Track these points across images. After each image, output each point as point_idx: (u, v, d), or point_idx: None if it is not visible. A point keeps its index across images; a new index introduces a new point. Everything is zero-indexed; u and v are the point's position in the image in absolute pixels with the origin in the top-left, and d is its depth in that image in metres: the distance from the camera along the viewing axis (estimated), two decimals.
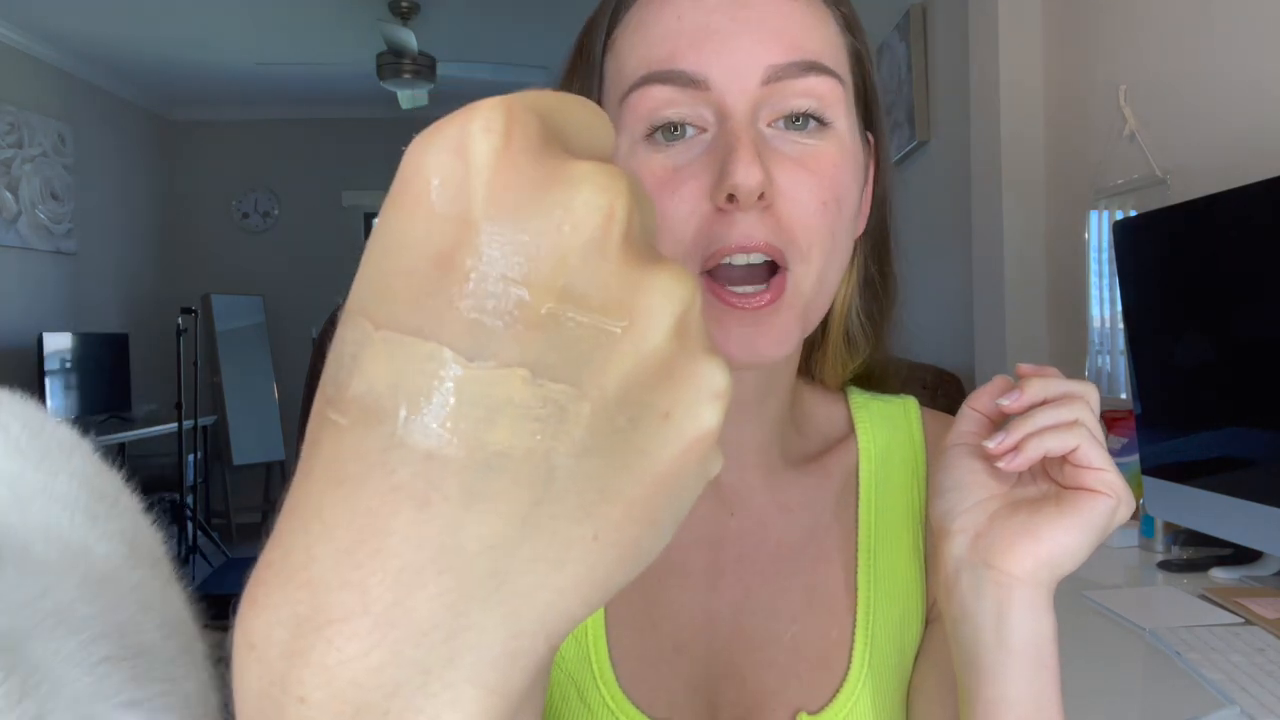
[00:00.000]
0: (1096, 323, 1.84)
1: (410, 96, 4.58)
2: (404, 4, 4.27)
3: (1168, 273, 1.36)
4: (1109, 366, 1.81)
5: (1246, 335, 1.20)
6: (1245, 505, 1.17)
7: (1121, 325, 1.53)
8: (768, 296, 0.49)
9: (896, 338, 0.63)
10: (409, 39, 4.18)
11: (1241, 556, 1.29)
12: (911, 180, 3.16)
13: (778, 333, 0.49)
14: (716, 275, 0.49)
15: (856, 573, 0.59)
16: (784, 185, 0.49)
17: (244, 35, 4.77)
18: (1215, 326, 1.26)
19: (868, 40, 0.56)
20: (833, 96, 0.50)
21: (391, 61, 4.35)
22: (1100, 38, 1.84)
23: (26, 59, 4.79)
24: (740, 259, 0.49)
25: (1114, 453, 1.55)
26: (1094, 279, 1.85)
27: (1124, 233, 1.43)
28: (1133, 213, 1.66)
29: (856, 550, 0.59)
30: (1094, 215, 1.84)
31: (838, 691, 0.56)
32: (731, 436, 0.58)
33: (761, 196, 0.47)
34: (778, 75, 0.49)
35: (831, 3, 0.53)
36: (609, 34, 0.53)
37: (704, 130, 0.49)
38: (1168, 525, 1.41)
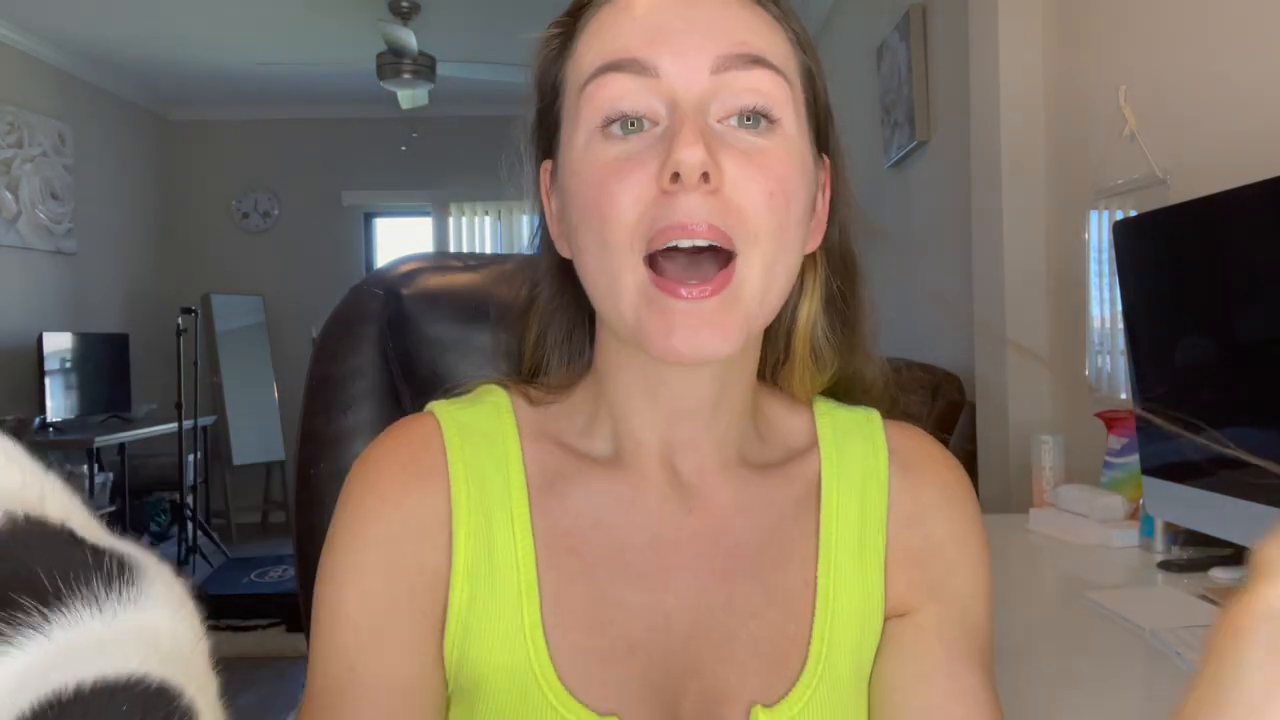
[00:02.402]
0: (1096, 323, 1.84)
1: (410, 96, 4.58)
2: (404, 4, 4.27)
3: (1168, 273, 1.36)
4: (1109, 366, 1.81)
5: (1246, 335, 1.20)
6: (1245, 505, 1.17)
7: (1121, 325, 1.53)
8: (711, 287, 0.51)
9: (906, 340, 0.65)
10: (409, 39, 4.18)
11: (1241, 556, 1.29)
12: (911, 180, 3.16)
13: (723, 329, 0.51)
14: (661, 265, 0.51)
15: (816, 574, 0.60)
16: (731, 174, 0.51)
17: (244, 35, 4.77)
18: (1215, 326, 1.26)
19: (820, 62, 0.58)
20: (779, 94, 0.53)
21: (391, 61, 4.35)
22: (1100, 38, 1.84)
23: (26, 59, 4.79)
24: (685, 243, 0.50)
25: (1114, 453, 1.55)
26: (1094, 279, 1.84)
27: (1124, 233, 1.43)
28: (1133, 213, 1.66)
29: (817, 554, 0.60)
30: (1094, 215, 1.84)
31: (794, 685, 0.57)
32: (688, 435, 0.59)
33: (707, 178, 0.49)
34: (725, 65, 0.52)
35: (781, 19, 0.56)
36: (572, 52, 0.57)
37: (657, 123, 0.52)
38: (1168, 525, 1.41)
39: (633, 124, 0.52)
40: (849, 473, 0.62)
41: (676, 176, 0.49)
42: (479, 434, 0.60)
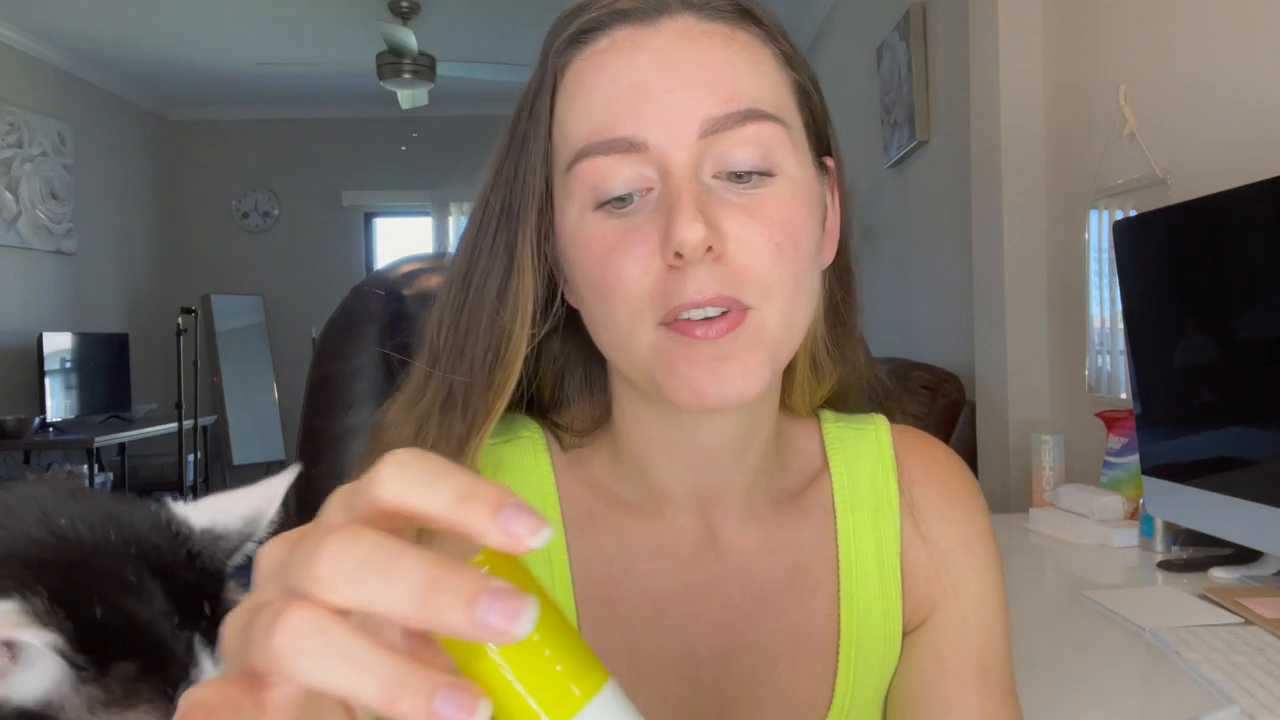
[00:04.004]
0: (1096, 323, 1.84)
1: (410, 96, 4.58)
2: (404, 4, 4.27)
3: (1168, 273, 1.36)
4: (1109, 366, 1.81)
5: (1246, 335, 1.20)
6: (1245, 505, 1.17)
7: (1121, 325, 1.53)
8: (724, 325, 0.49)
9: (906, 340, 0.64)
10: (409, 39, 4.18)
11: (1241, 556, 1.29)
12: (911, 180, 3.16)
13: (745, 368, 0.49)
14: (675, 328, 0.50)
15: (839, 606, 0.59)
16: (733, 233, 0.49)
17: (244, 35, 4.77)
18: (1215, 326, 1.26)
19: (812, 71, 0.56)
20: (775, 141, 0.50)
21: (391, 61, 4.35)
22: (1100, 38, 1.84)
23: (26, 59, 4.79)
24: (697, 313, 0.49)
25: (1114, 453, 1.55)
26: (1094, 279, 1.84)
27: (1124, 233, 1.43)
28: (1133, 213, 1.66)
29: (838, 584, 0.60)
30: (1094, 215, 1.84)
31: None
32: (717, 482, 0.58)
33: (710, 249, 0.48)
34: (715, 127, 0.49)
35: (768, 39, 0.53)
36: (553, 105, 0.54)
37: (650, 190, 0.50)
38: (1168, 525, 1.41)
39: (623, 197, 0.50)
40: (861, 496, 0.61)
41: (679, 254, 0.48)
42: (515, 471, 0.58)
